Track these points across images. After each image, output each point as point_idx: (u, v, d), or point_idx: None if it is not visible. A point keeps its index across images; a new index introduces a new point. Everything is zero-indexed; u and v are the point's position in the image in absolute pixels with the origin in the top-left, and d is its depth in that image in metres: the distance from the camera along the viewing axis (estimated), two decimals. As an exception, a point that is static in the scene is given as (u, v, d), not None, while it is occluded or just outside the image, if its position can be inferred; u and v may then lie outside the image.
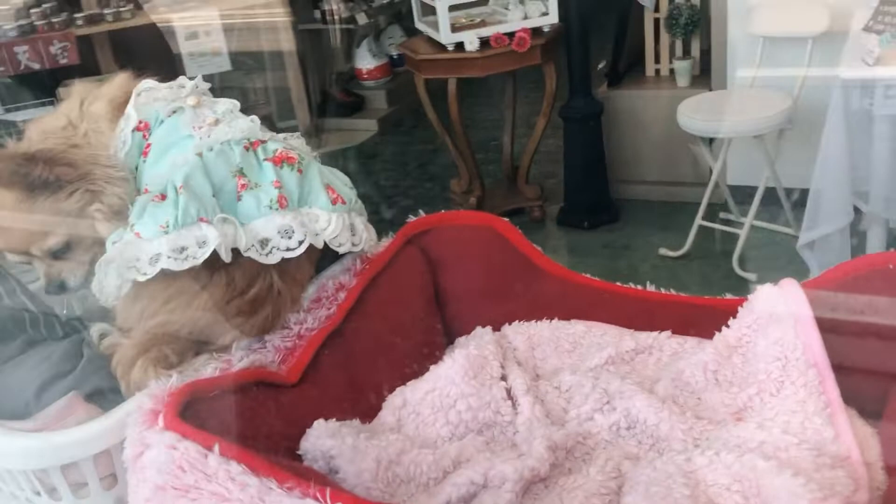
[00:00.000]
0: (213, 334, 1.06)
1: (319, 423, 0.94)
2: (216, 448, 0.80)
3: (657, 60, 3.95)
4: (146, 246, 1.01)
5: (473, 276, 1.21)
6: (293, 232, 1.07)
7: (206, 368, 0.97)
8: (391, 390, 1.09)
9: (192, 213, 1.02)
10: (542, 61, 3.64)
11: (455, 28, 3.55)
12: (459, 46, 3.54)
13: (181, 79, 1.20)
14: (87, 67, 4.15)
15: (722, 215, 3.60)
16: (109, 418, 0.94)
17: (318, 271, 1.18)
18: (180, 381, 0.94)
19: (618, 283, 1.19)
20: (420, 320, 1.18)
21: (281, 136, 1.17)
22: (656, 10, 3.84)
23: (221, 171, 1.08)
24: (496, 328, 1.17)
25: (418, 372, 1.15)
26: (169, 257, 0.99)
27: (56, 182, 1.03)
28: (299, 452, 0.92)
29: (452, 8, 3.52)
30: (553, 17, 3.55)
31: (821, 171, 2.71)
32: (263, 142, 1.12)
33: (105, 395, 1.02)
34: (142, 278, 1.00)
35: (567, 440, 0.92)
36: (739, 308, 1.02)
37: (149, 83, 1.17)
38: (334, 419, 0.97)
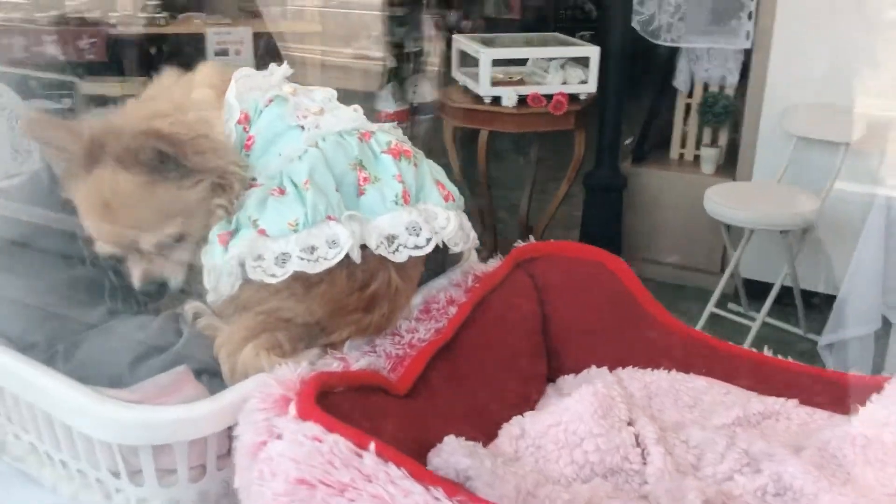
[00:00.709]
0: (329, 327, 0.97)
1: (451, 440, 0.85)
2: (372, 447, 0.71)
3: (683, 145, 3.99)
4: (272, 245, 0.93)
5: (582, 312, 1.14)
6: (420, 229, 1.00)
7: (305, 363, 0.88)
8: (499, 415, 1.01)
9: (321, 210, 0.94)
10: (574, 127, 3.65)
11: (493, 82, 3.56)
12: (496, 101, 3.55)
13: (271, 65, 1.13)
14: (112, 67, 4.08)
15: (730, 306, 3.59)
16: (222, 400, 0.84)
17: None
18: (299, 370, 0.85)
19: (731, 343, 1.13)
20: (526, 348, 1.10)
21: (387, 125, 1.10)
22: (690, 95, 3.89)
23: (341, 163, 1.00)
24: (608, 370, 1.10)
25: (523, 401, 1.07)
26: (301, 258, 0.91)
27: (184, 169, 0.93)
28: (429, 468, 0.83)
29: (494, 63, 3.54)
30: (591, 87, 3.58)
31: (853, 275, 2.71)
32: (373, 132, 1.05)
33: (201, 377, 0.92)
34: (270, 280, 0.92)
35: (717, 498, 0.85)
36: (886, 384, 0.96)
37: (246, 70, 1.09)
38: (452, 435, 0.89)
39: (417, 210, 1.01)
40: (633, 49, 3.78)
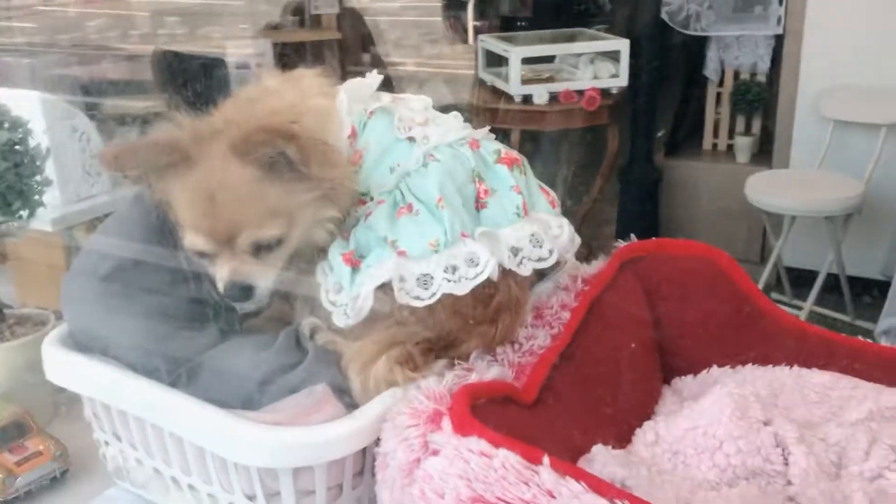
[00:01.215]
0: (457, 340, 0.95)
1: (601, 449, 0.83)
2: (546, 461, 0.69)
3: (716, 134, 3.96)
4: (413, 266, 0.90)
5: (694, 310, 1.12)
6: (543, 240, 0.98)
7: (448, 375, 0.86)
8: (626, 420, 0.99)
9: (457, 228, 0.92)
10: (607, 122, 3.63)
11: (523, 81, 3.54)
12: (526, 99, 3.52)
13: (369, 74, 1.11)
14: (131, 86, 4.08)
15: (773, 296, 3.56)
16: (364, 417, 0.82)
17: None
18: (444, 382, 0.83)
19: (847, 335, 1.10)
20: (641, 350, 1.08)
21: (481, 130, 1.07)
22: (721, 83, 3.86)
23: (460, 176, 0.97)
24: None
25: (643, 405, 1.05)
26: (447, 280, 0.89)
27: (300, 174, 0.90)
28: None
29: (523, 61, 3.51)
30: (623, 80, 3.56)
31: (909, 257, 2.69)
32: (479, 140, 1.02)
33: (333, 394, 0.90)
34: (416, 303, 0.89)
35: (879, 498, 0.82)
36: None
37: (355, 81, 1.06)
38: (599, 444, 0.86)
39: (536, 221, 0.99)
40: (661, 40, 3.76)
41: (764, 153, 3.80)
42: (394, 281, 0.88)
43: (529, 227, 0.98)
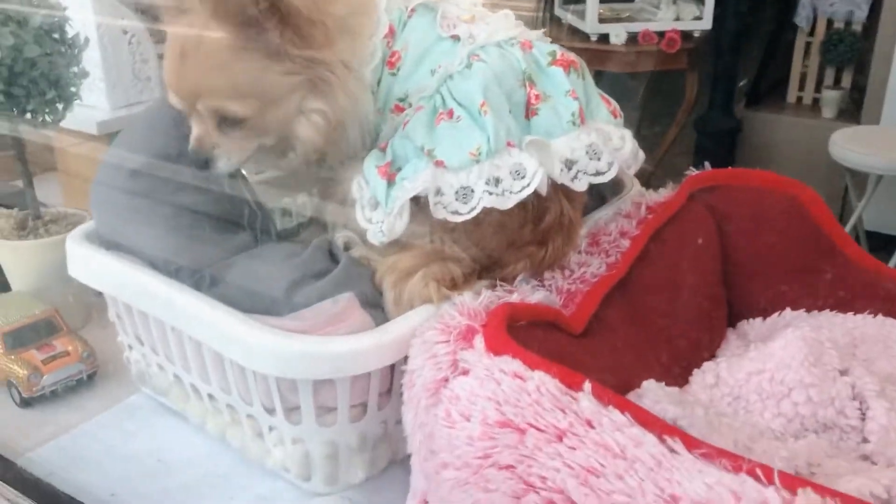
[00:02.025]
0: (501, 261, 0.87)
1: (652, 385, 0.75)
2: (587, 387, 0.60)
3: (802, 87, 3.74)
4: (452, 178, 0.81)
5: (769, 249, 1.01)
6: (601, 152, 0.88)
7: (486, 293, 0.78)
8: (682, 359, 0.90)
9: (502, 135, 0.83)
10: (686, 67, 3.45)
11: (601, 19, 3.38)
12: (602, 39, 3.36)
13: None
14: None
15: (852, 260, 3.36)
16: (391, 330, 0.75)
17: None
18: (481, 298, 0.75)
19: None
20: (705, 288, 0.98)
21: (535, 32, 0.96)
22: (811, 33, 3.62)
23: (509, 79, 0.87)
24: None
25: (704, 346, 0.96)
26: (488, 192, 0.80)
27: (281, 48, 0.80)
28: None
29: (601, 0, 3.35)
30: (706, 23, 3.36)
31: None
32: (532, 41, 0.92)
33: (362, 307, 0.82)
34: (454, 218, 0.81)
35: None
36: None
37: None
38: (651, 379, 0.78)
39: (595, 131, 0.89)
40: (749, -18, 3.53)
41: (852, 109, 3.57)
42: (430, 194, 0.80)
43: (586, 137, 0.88)
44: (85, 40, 1.11)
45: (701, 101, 3.55)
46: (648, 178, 3.92)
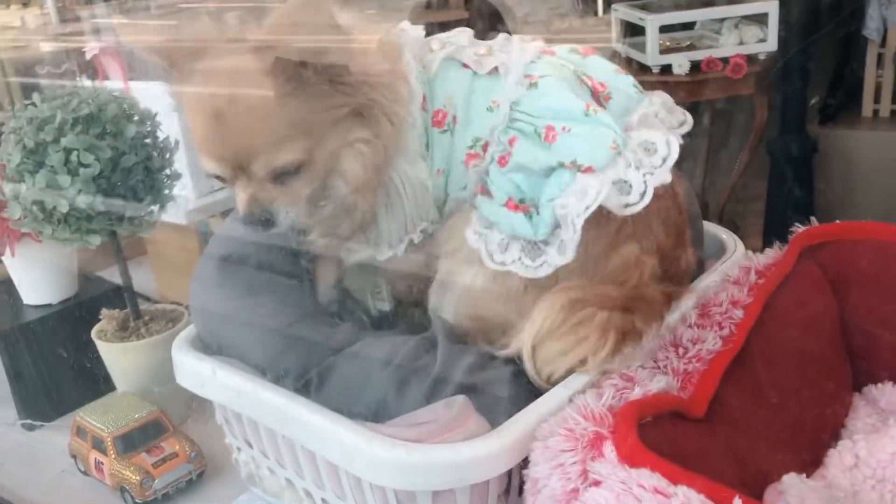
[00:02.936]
0: (673, 253, 0.89)
1: (794, 479, 0.71)
2: (737, 502, 0.57)
3: (877, 100, 3.61)
4: (604, 177, 0.81)
5: (890, 306, 0.96)
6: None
7: (608, 390, 0.75)
8: (813, 437, 0.85)
9: (618, 123, 0.85)
10: (754, 91, 3.37)
11: (662, 50, 3.34)
12: (665, 70, 3.32)
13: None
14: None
15: (947, 276, 3.22)
16: (510, 435, 0.73)
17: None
18: (604, 398, 0.72)
19: None
20: (827, 354, 0.93)
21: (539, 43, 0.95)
22: (883, 44, 3.51)
23: (572, 81, 0.89)
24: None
25: (834, 421, 0.91)
26: (645, 174, 0.81)
27: (324, 85, 0.79)
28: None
29: (661, 29, 3.31)
30: (771, 45, 3.28)
31: None
32: (550, 49, 0.94)
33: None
34: (628, 211, 0.82)
35: None
36: None
37: (415, 31, 0.93)
38: (785, 473, 0.74)
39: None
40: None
41: (934, 118, 3.44)
42: (598, 197, 0.79)
43: (649, 104, 0.89)
44: (175, 143, 1.13)
45: (772, 123, 3.47)
46: (723, 206, 3.84)
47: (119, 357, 1.14)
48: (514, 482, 0.78)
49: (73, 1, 3.07)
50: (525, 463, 0.73)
